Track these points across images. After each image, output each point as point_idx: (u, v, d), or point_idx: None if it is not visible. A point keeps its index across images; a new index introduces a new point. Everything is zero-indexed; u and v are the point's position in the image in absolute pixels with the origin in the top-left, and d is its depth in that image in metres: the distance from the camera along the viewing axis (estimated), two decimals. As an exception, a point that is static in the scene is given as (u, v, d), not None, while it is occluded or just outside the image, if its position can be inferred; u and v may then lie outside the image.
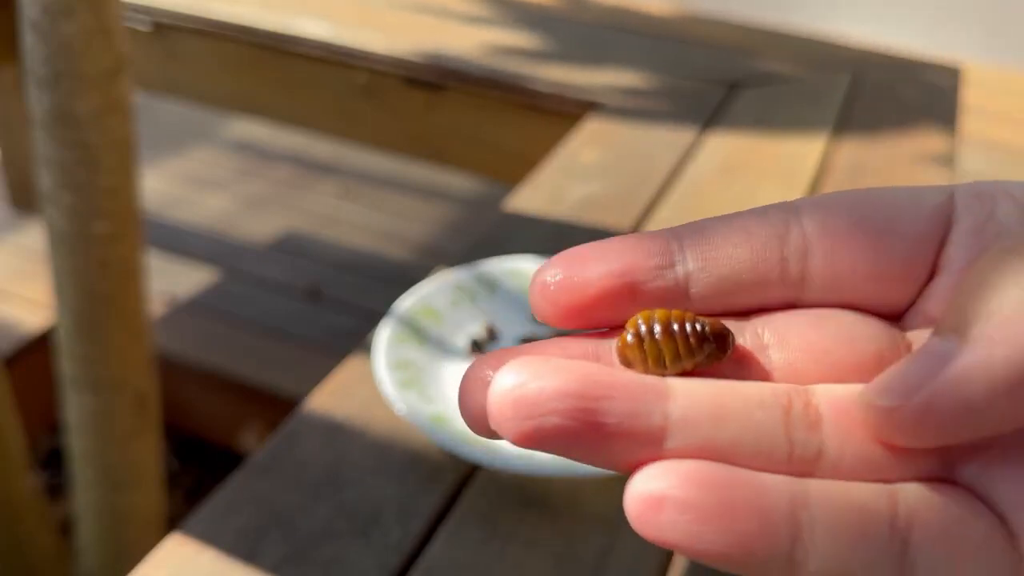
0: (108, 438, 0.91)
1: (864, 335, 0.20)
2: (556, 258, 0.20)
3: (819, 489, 0.17)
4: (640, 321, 0.19)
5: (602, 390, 0.17)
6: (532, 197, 0.89)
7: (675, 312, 0.19)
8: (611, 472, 0.23)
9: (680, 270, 0.20)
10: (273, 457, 0.58)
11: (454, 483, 0.57)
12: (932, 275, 0.20)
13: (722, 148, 1.01)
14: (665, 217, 0.87)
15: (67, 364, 0.88)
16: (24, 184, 1.65)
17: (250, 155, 2.05)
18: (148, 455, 0.95)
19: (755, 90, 1.15)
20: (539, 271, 0.20)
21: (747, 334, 0.20)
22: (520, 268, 0.72)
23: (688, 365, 0.19)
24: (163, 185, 1.88)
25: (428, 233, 1.81)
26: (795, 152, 1.00)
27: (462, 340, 0.67)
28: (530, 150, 1.14)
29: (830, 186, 0.93)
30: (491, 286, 0.70)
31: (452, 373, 0.63)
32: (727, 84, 1.16)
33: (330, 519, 0.54)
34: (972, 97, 1.17)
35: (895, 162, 0.96)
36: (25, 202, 1.68)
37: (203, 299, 1.53)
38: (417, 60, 1.20)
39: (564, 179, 0.93)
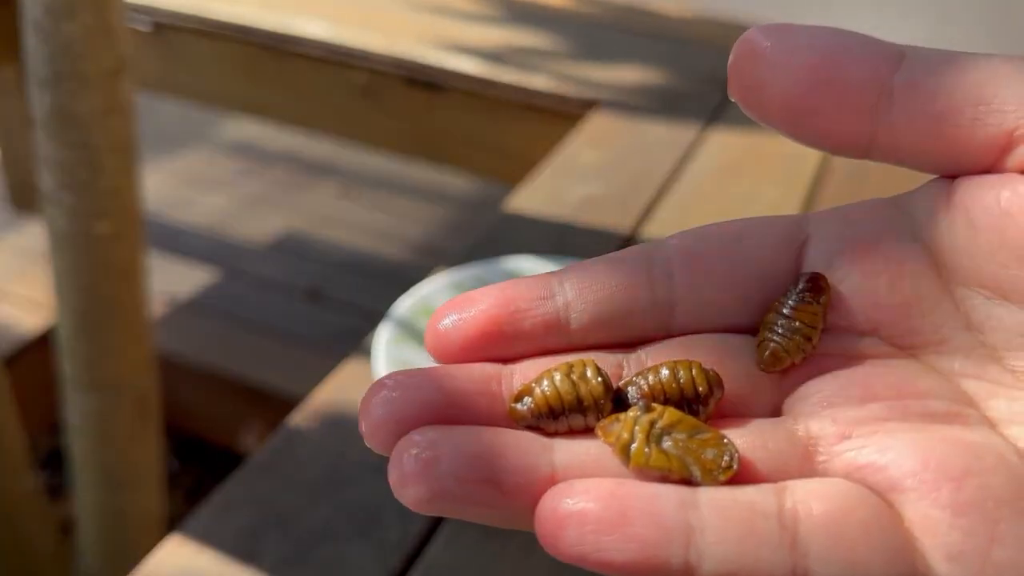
0: (108, 438, 0.91)
1: (731, 353, 0.21)
2: (448, 303, 0.21)
3: (708, 493, 0.18)
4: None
5: (494, 450, 0.18)
6: (532, 197, 0.89)
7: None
8: None
9: (559, 299, 0.21)
10: (273, 457, 0.58)
11: (454, 483, 0.57)
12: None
13: (722, 148, 1.01)
14: (665, 217, 0.87)
15: (67, 364, 0.88)
16: (24, 184, 1.65)
17: (250, 155, 2.05)
18: (148, 455, 0.95)
19: (755, 90, 1.15)
20: (433, 317, 0.21)
21: (631, 363, 0.21)
22: (520, 268, 0.72)
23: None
24: (163, 185, 1.88)
25: (428, 233, 1.81)
26: (795, 152, 1.00)
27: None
28: (530, 150, 1.14)
29: (830, 186, 0.93)
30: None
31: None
32: (726, 84, 1.16)
33: (330, 519, 0.54)
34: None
35: (892, 167, 0.96)
36: (25, 202, 1.68)
37: (203, 299, 1.53)
38: (417, 60, 1.20)
39: (564, 179, 0.93)
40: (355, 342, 0.71)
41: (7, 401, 0.87)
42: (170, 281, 1.53)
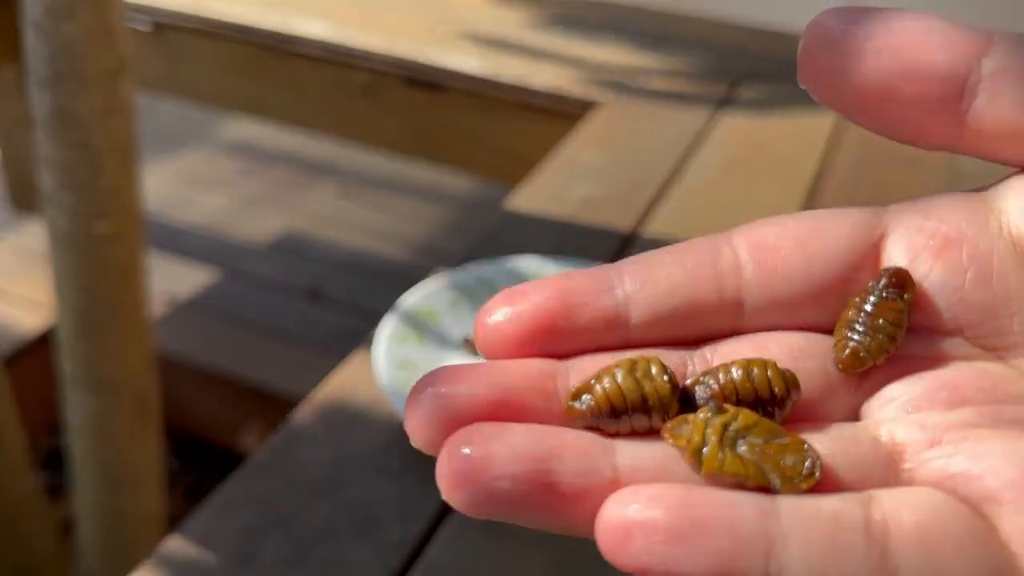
0: (108, 438, 0.91)
1: (806, 352, 0.20)
2: (498, 296, 0.20)
3: (789, 501, 0.17)
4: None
5: (551, 450, 0.17)
6: (532, 197, 0.89)
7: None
8: None
9: (619, 293, 0.20)
10: (273, 457, 0.58)
11: (454, 483, 0.57)
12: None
13: (722, 148, 1.01)
14: (665, 217, 0.87)
15: (68, 364, 0.88)
16: (24, 184, 1.65)
17: (250, 155, 2.05)
18: (148, 455, 0.95)
19: (755, 89, 1.15)
20: (482, 311, 0.20)
21: (695, 360, 0.20)
22: (520, 268, 0.72)
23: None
24: (163, 185, 1.87)
25: (428, 233, 1.81)
26: (795, 152, 1.00)
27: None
28: (530, 150, 1.14)
29: (830, 185, 0.93)
30: (491, 286, 0.70)
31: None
32: (727, 84, 1.16)
33: (330, 519, 0.54)
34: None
35: (895, 161, 0.96)
36: (25, 202, 1.68)
37: (203, 299, 1.53)
38: (417, 60, 1.20)
39: (564, 179, 0.93)
40: (355, 342, 0.71)
41: (7, 401, 0.87)
42: (170, 281, 1.53)
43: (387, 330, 0.65)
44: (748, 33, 1.36)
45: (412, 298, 0.68)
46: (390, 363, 0.62)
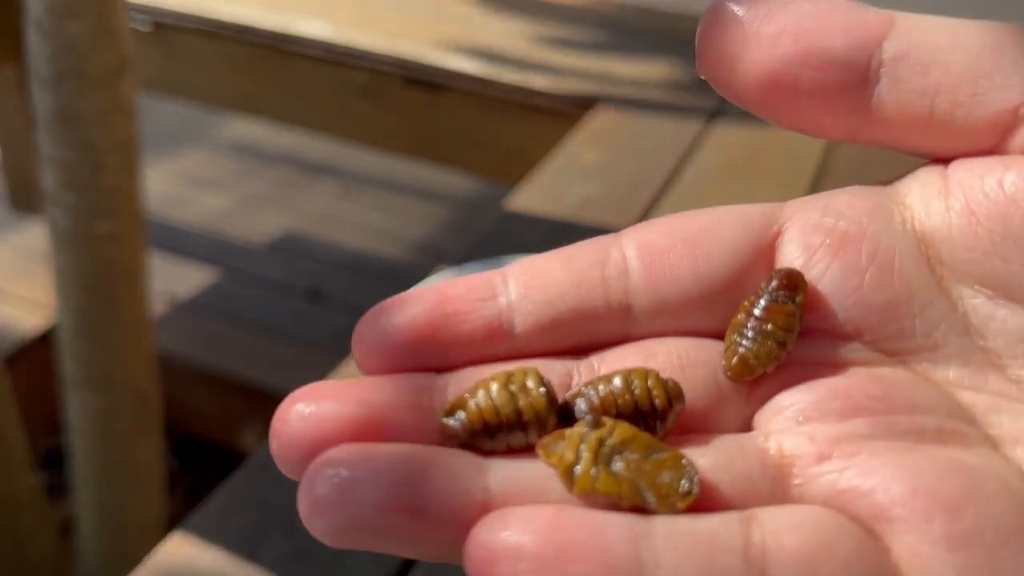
0: (109, 438, 0.91)
1: (694, 360, 0.19)
2: (376, 306, 0.19)
3: (664, 524, 0.16)
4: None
5: (418, 472, 0.16)
6: (532, 197, 0.89)
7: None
8: None
9: (502, 300, 0.18)
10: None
11: (454, 483, 0.57)
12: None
13: (722, 148, 1.01)
14: (665, 217, 0.87)
15: (68, 364, 0.88)
16: (24, 184, 1.65)
17: (250, 155, 2.05)
18: (148, 455, 0.95)
19: (755, 90, 1.15)
20: (360, 323, 0.19)
21: (582, 370, 0.18)
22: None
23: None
24: (163, 185, 1.87)
25: (428, 233, 1.81)
26: (795, 152, 1.00)
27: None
28: (530, 150, 1.14)
29: (830, 186, 0.93)
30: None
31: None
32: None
33: (330, 519, 0.54)
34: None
35: (895, 162, 0.96)
36: (25, 202, 1.68)
37: (203, 299, 1.53)
38: (417, 60, 1.20)
39: (564, 179, 0.93)
40: (355, 342, 0.70)
41: (7, 401, 0.87)
42: (170, 281, 1.53)
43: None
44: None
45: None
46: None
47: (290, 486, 0.53)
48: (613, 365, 0.18)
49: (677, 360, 0.18)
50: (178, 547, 0.52)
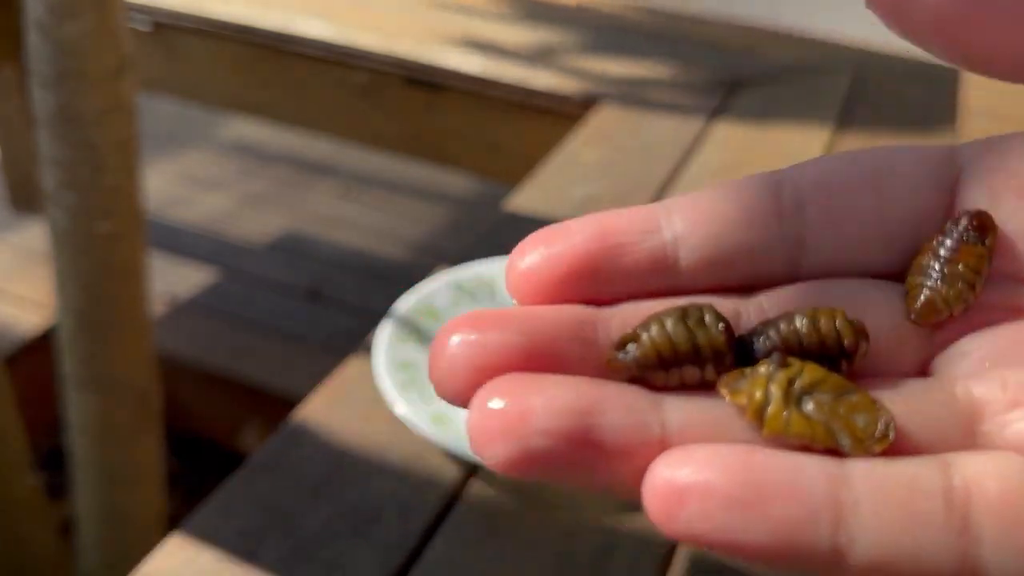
0: (109, 438, 0.91)
1: (874, 300, 0.18)
2: (533, 235, 0.18)
3: (861, 466, 0.15)
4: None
5: (593, 404, 0.15)
6: (532, 197, 0.89)
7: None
8: None
9: (667, 233, 0.18)
10: (273, 457, 0.58)
11: (454, 483, 0.57)
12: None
13: (722, 148, 1.01)
14: (665, 217, 0.87)
15: (68, 364, 0.88)
16: (24, 184, 1.65)
17: (250, 155, 2.05)
18: (148, 455, 0.95)
19: (755, 90, 1.15)
20: (516, 251, 0.18)
21: (751, 309, 0.18)
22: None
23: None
24: (163, 185, 1.87)
25: (428, 233, 1.81)
26: (795, 152, 1.00)
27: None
28: (530, 150, 1.14)
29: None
30: (491, 286, 0.70)
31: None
32: (727, 84, 1.16)
33: (330, 519, 0.54)
34: (973, 97, 1.17)
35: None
36: (25, 202, 1.68)
37: (203, 299, 1.53)
38: (417, 60, 1.20)
39: (564, 179, 0.93)
40: (355, 342, 0.71)
41: (7, 401, 0.87)
42: (170, 281, 1.53)
43: (387, 330, 0.65)
44: (749, 33, 1.36)
45: (412, 298, 0.68)
46: (390, 364, 0.62)
47: (290, 486, 0.53)
48: (785, 305, 0.18)
49: (854, 301, 0.18)
50: (178, 547, 0.52)
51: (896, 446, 0.16)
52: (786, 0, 1.75)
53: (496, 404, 0.15)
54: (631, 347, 0.17)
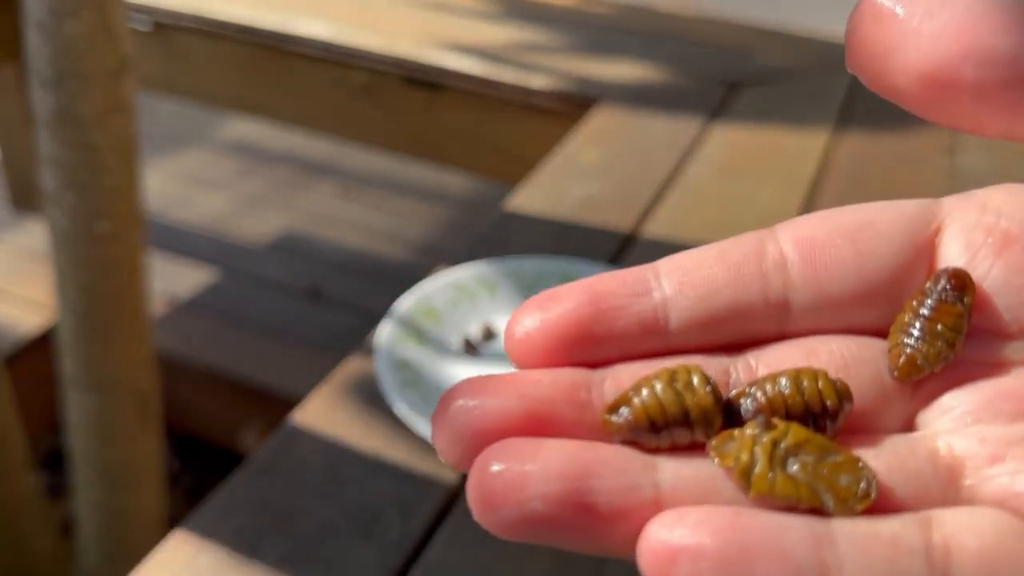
0: (109, 438, 0.91)
1: (858, 359, 0.18)
2: (529, 301, 0.19)
3: (844, 526, 0.16)
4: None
5: (588, 468, 0.16)
6: (532, 197, 0.89)
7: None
8: None
9: (657, 296, 0.18)
10: (273, 457, 0.58)
11: (454, 483, 0.57)
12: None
13: (722, 148, 1.01)
14: (665, 217, 0.87)
15: (68, 364, 0.88)
16: (24, 184, 1.65)
17: (249, 155, 2.05)
18: (148, 455, 0.95)
19: (755, 90, 1.15)
20: (513, 317, 0.19)
21: (739, 367, 0.19)
22: (520, 268, 0.72)
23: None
24: (163, 185, 1.88)
25: (428, 233, 1.81)
26: (795, 152, 1.00)
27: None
28: (530, 150, 1.14)
29: (830, 186, 0.93)
30: (491, 286, 0.71)
31: (452, 373, 0.63)
32: (727, 83, 1.16)
33: (330, 519, 0.54)
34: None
35: (895, 161, 0.96)
36: (25, 202, 1.68)
37: (203, 299, 1.53)
38: (417, 60, 1.20)
39: (564, 179, 0.93)
40: (355, 342, 0.71)
41: (7, 401, 0.87)
42: (170, 281, 1.53)
43: (387, 330, 0.65)
44: (749, 33, 1.36)
45: (412, 298, 0.68)
46: (390, 363, 0.62)
47: (290, 486, 0.53)
48: (772, 363, 0.18)
49: (839, 359, 0.18)
50: (178, 547, 0.52)
51: (880, 503, 0.16)
52: (786, 0, 1.75)
53: (495, 469, 0.16)
54: (623, 410, 0.17)
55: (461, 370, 0.63)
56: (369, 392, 0.62)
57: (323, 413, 0.61)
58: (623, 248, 0.82)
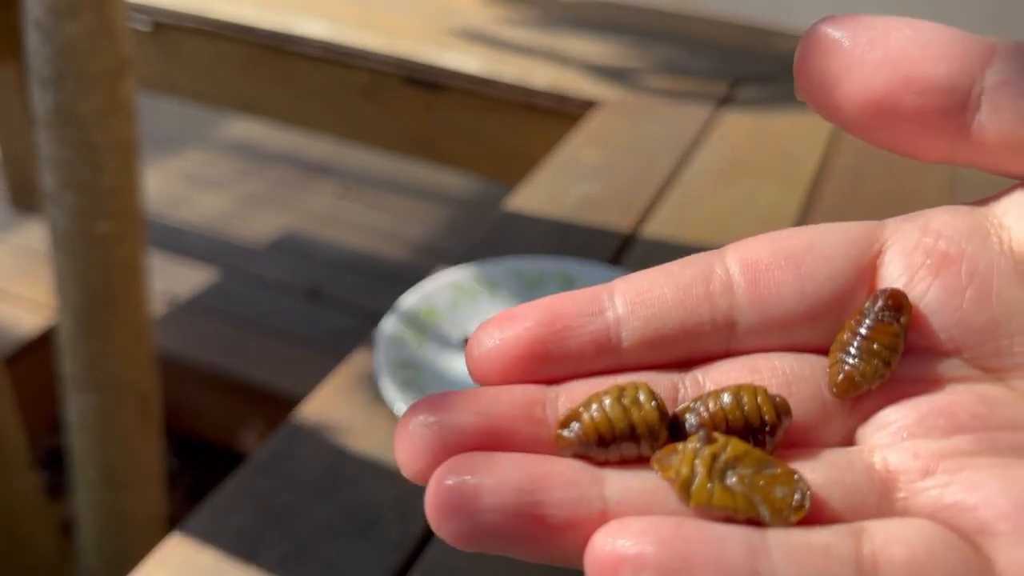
0: (109, 437, 0.91)
1: (799, 376, 0.19)
2: (488, 321, 0.19)
3: (778, 535, 0.16)
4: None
5: (539, 481, 0.17)
6: (532, 197, 0.89)
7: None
8: None
9: (610, 316, 0.19)
10: (273, 457, 0.58)
11: (454, 483, 0.57)
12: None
13: (722, 148, 1.01)
14: (665, 217, 0.87)
15: (68, 364, 0.88)
16: (24, 184, 1.65)
17: (249, 155, 2.05)
18: (148, 455, 0.95)
19: (755, 89, 1.15)
20: (473, 337, 0.19)
21: (687, 383, 0.19)
22: (520, 268, 0.72)
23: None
24: (162, 185, 1.88)
25: (428, 233, 1.81)
26: (795, 152, 1.00)
27: (462, 340, 0.67)
28: (530, 150, 1.14)
29: (830, 186, 0.93)
30: (491, 286, 0.71)
31: (452, 373, 0.63)
32: (727, 83, 1.16)
33: (330, 519, 0.54)
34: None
35: (895, 162, 0.96)
36: (25, 202, 1.68)
37: (203, 299, 1.53)
38: (417, 60, 1.20)
39: (564, 179, 0.93)
40: (355, 342, 0.71)
41: (7, 401, 0.87)
42: (170, 281, 1.53)
43: (387, 330, 0.65)
44: (748, 33, 1.36)
45: (412, 298, 0.68)
46: (390, 363, 0.62)
47: (290, 486, 0.53)
48: (718, 379, 0.19)
49: (782, 376, 0.19)
50: (178, 547, 0.52)
51: (815, 514, 0.17)
52: (786, 0, 1.75)
53: (450, 482, 0.17)
54: (574, 425, 0.18)
55: (461, 370, 0.63)
56: (369, 392, 0.62)
57: (323, 413, 0.61)
58: (623, 248, 0.82)
